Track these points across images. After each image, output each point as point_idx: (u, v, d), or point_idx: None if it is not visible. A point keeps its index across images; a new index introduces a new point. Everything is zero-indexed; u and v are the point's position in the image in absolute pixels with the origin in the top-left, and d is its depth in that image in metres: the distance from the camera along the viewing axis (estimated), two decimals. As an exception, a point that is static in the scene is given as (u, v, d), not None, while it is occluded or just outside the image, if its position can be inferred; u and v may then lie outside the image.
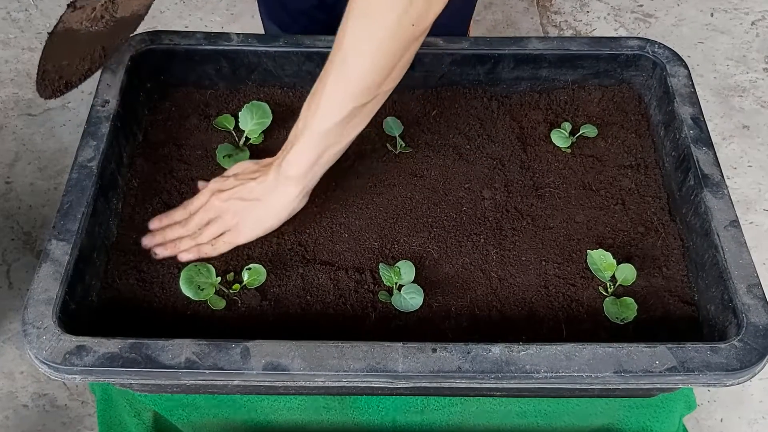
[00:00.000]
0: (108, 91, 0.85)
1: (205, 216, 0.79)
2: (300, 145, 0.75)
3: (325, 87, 0.72)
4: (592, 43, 0.93)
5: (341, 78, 0.71)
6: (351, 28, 0.69)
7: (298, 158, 0.76)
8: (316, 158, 0.76)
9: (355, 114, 0.73)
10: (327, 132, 0.74)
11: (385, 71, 0.71)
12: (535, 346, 0.66)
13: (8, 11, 1.95)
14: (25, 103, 1.75)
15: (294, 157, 0.76)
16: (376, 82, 0.71)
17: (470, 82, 0.95)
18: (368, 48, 0.69)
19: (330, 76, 0.72)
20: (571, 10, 2.03)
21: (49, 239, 0.72)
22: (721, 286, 0.72)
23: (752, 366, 0.66)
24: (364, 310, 0.76)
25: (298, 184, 0.77)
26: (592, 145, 0.91)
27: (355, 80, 0.71)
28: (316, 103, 0.73)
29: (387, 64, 0.70)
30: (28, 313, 0.67)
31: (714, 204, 0.77)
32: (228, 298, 0.76)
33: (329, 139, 0.75)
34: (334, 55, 0.71)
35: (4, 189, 1.61)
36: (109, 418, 0.87)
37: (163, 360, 0.65)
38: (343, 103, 0.72)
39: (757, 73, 1.89)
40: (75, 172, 0.77)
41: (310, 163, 0.76)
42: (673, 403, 0.84)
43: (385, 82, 0.72)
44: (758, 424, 1.36)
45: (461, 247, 0.81)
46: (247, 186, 0.79)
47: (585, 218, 0.84)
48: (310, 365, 0.65)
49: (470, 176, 0.87)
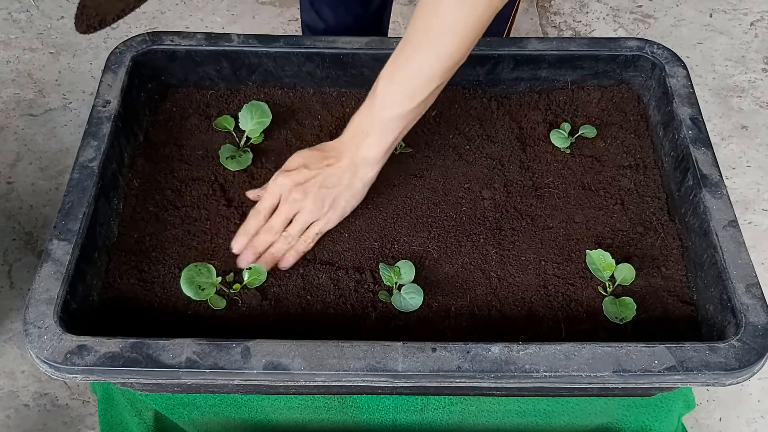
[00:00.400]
0: (109, 91, 0.85)
1: (288, 212, 0.79)
2: (381, 129, 0.77)
3: (411, 66, 0.74)
4: (591, 43, 0.93)
5: (433, 55, 0.73)
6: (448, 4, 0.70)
7: (380, 140, 0.77)
8: (396, 138, 0.78)
9: (437, 90, 0.76)
10: (410, 111, 0.76)
11: (472, 44, 0.74)
12: (535, 346, 0.66)
13: (9, 12, 1.95)
14: (27, 103, 1.75)
15: (375, 139, 0.77)
16: (463, 56, 0.74)
17: (470, 82, 0.95)
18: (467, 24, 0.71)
19: (420, 55, 0.73)
20: (571, 10, 2.03)
21: (51, 239, 0.72)
22: (719, 286, 0.73)
23: (751, 365, 0.66)
24: (364, 309, 0.76)
25: (377, 165, 0.79)
26: (592, 145, 0.92)
27: (449, 57, 0.73)
28: (400, 83, 0.75)
29: (477, 37, 0.73)
30: (30, 312, 0.68)
31: (713, 204, 0.77)
32: (228, 298, 0.76)
33: (409, 118, 0.77)
34: (426, 33, 0.72)
35: (5, 189, 1.61)
36: (110, 418, 0.88)
37: (164, 359, 0.65)
38: (432, 79, 0.74)
39: (756, 73, 1.90)
40: (76, 173, 0.78)
41: (390, 144, 0.78)
42: (672, 402, 0.84)
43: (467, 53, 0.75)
44: (757, 423, 1.36)
45: (461, 247, 0.81)
46: (324, 173, 0.78)
47: (584, 218, 0.84)
48: (311, 365, 0.65)
49: (470, 176, 0.88)
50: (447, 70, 0.75)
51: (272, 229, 0.78)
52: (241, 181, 0.87)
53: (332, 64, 0.93)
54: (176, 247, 0.80)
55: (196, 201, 0.84)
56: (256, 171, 0.87)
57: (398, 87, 0.75)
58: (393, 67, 0.76)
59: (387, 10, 1.31)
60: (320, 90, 0.96)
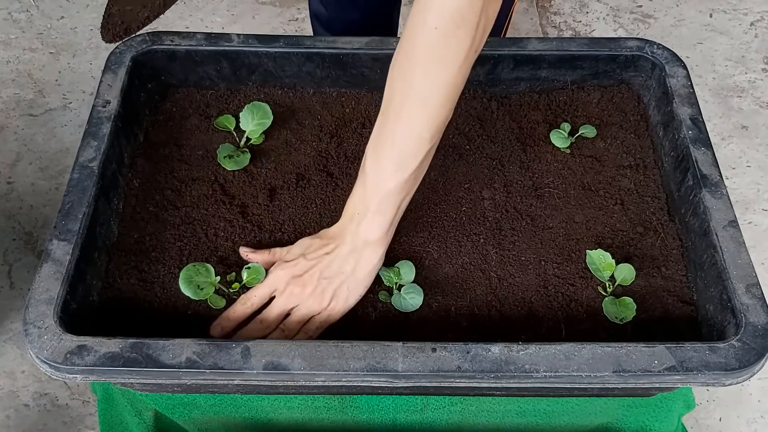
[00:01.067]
0: (109, 91, 0.85)
1: (285, 306, 0.74)
2: (377, 207, 0.72)
3: (396, 137, 0.70)
4: (591, 43, 0.93)
5: (417, 121, 0.69)
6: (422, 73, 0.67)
7: (379, 219, 0.73)
8: (395, 213, 0.74)
9: (429, 154, 0.72)
10: (405, 183, 0.72)
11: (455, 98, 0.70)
12: (535, 346, 0.66)
13: (9, 12, 1.95)
14: (27, 103, 1.75)
15: (374, 218, 0.73)
16: (449, 113, 0.71)
17: (470, 82, 0.95)
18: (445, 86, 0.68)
19: (402, 124, 0.69)
20: (571, 10, 2.03)
21: (51, 239, 0.73)
22: (719, 286, 0.73)
23: (751, 365, 0.66)
24: (364, 309, 0.76)
25: (381, 245, 0.74)
26: (591, 145, 0.92)
27: (434, 118, 0.69)
28: (388, 156, 0.71)
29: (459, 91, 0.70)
30: (30, 312, 0.68)
31: (713, 204, 0.77)
32: (228, 298, 0.76)
33: (406, 189, 0.73)
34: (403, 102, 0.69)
35: (5, 189, 1.61)
36: (110, 418, 0.88)
37: (163, 359, 0.65)
38: (421, 145, 0.70)
39: (756, 73, 1.90)
40: (76, 173, 0.78)
41: (391, 222, 0.74)
42: (671, 402, 0.84)
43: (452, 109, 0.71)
44: (757, 423, 1.36)
45: (461, 247, 0.81)
46: (323, 262, 0.74)
47: (584, 218, 0.84)
48: (311, 365, 0.65)
49: (470, 176, 0.88)
50: (435, 132, 0.71)
51: (266, 321, 0.73)
52: (241, 182, 0.87)
53: (332, 64, 0.93)
54: (176, 247, 0.80)
55: (196, 201, 0.84)
56: (256, 171, 0.87)
57: (387, 161, 0.71)
58: (378, 141, 0.72)
59: (396, 7, 1.31)
60: (320, 90, 0.96)
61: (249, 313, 0.74)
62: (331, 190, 0.86)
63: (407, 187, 0.73)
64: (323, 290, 0.73)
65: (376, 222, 0.73)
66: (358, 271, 0.74)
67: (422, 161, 0.71)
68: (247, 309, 0.74)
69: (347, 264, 0.73)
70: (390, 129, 0.71)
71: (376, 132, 0.72)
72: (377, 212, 0.73)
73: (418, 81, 0.68)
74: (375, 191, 0.72)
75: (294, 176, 0.87)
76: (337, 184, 0.86)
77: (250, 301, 0.74)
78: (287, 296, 0.74)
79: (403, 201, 0.74)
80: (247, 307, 0.74)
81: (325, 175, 0.87)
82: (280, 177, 0.87)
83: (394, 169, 0.71)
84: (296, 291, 0.73)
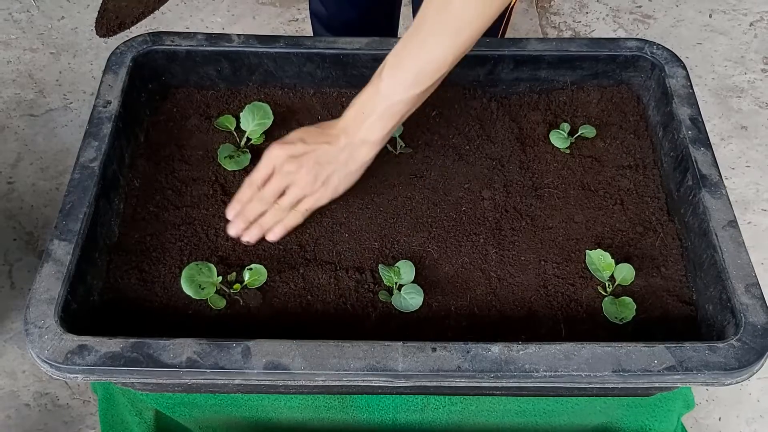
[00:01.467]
0: (110, 92, 0.86)
1: (280, 184, 0.79)
2: (383, 112, 0.77)
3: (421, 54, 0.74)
4: (590, 44, 0.93)
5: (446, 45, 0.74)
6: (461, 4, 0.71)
7: (382, 123, 0.77)
8: (398, 122, 0.78)
9: (441, 78, 0.77)
10: (415, 97, 0.76)
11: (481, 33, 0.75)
12: (534, 346, 0.66)
13: (10, 12, 1.96)
14: (27, 103, 1.75)
15: (377, 122, 0.77)
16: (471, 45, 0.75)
17: (470, 82, 0.96)
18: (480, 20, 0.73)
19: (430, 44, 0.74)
20: (570, 11, 2.04)
21: (51, 239, 0.73)
22: (719, 286, 0.73)
23: (750, 365, 0.66)
24: (364, 309, 0.76)
25: (376, 147, 0.79)
26: (591, 145, 0.92)
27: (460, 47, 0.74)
28: (408, 70, 0.75)
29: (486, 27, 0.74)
30: (30, 312, 0.68)
31: (712, 204, 0.78)
32: (229, 298, 0.76)
33: (413, 103, 0.77)
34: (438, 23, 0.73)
35: (6, 189, 1.61)
36: (110, 417, 0.88)
37: (164, 359, 0.65)
38: (441, 67, 0.75)
39: (756, 73, 1.90)
40: (77, 173, 0.78)
41: (391, 128, 0.78)
42: (671, 402, 0.84)
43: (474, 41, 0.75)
44: (756, 423, 1.36)
45: (461, 247, 0.81)
46: (320, 149, 0.78)
47: (584, 218, 0.84)
48: (311, 364, 0.65)
49: (470, 176, 0.88)
50: (456, 59, 0.75)
51: (263, 198, 0.79)
52: (241, 181, 0.86)
53: (332, 64, 0.93)
54: (177, 247, 0.80)
55: (197, 201, 0.85)
56: (257, 171, 0.88)
57: (406, 74, 0.75)
58: (402, 54, 0.76)
59: (396, 6, 1.32)
60: (320, 90, 0.96)
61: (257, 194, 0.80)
62: (331, 190, 0.86)
63: (415, 100, 0.77)
64: (316, 174, 0.78)
65: (378, 125, 0.77)
66: (350, 163, 0.79)
67: (436, 81, 0.76)
68: (254, 190, 0.80)
69: (342, 155, 0.78)
70: (417, 46, 0.75)
71: (400, 45, 0.76)
72: (382, 117, 0.77)
73: (456, 9, 0.72)
74: (386, 98, 0.76)
75: (294, 176, 0.87)
76: (338, 184, 0.87)
77: (254, 183, 0.80)
78: (284, 174, 0.78)
79: (407, 112, 0.78)
80: (254, 189, 0.80)
81: (325, 176, 0.87)
82: (280, 177, 0.87)
83: (410, 83, 0.75)
84: (292, 170, 0.78)
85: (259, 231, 0.79)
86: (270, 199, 0.79)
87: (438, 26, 0.74)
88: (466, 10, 0.72)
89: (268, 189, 0.79)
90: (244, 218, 0.79)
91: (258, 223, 0.79)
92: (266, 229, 0.79)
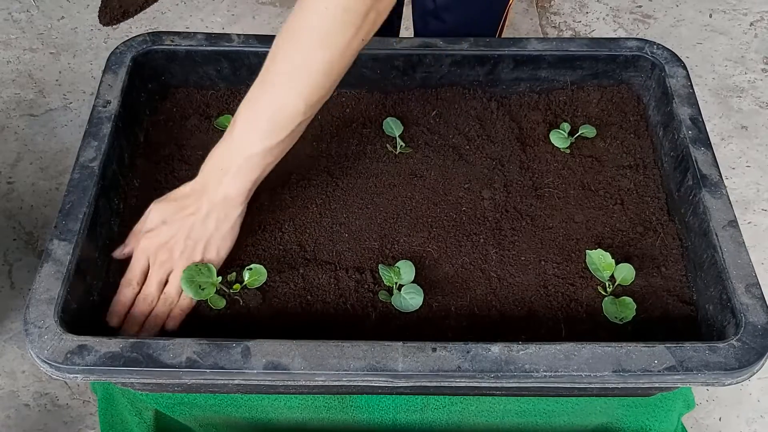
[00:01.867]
0: (109, 91, 0.86)
1: (161, 276, 0.75)
2: (240, 167, 0.73)
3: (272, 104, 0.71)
4: (591, 44, 0.93)
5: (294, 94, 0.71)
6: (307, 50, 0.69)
7: (241, 179, 0.74)
8: (259, 176, 0.75)
9: (300, 126, 0.73)
10: (273, 148, 0.73)
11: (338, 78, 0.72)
12: (535, 346, 0.66)
13: (10, 12, 1.96)
14: (27, 103, 1.75)
15: (235, 178, 0.74)
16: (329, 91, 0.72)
17: (470, 82, 0.96)
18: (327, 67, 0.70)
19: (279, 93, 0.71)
20: (570, 11, 2.04)
21: (51, 239, 0.73)
22: (719, 286, 0.73)
23: (751, 365, 0.66)
24: (364, 309, 0.76)
25: (241, 202, 0.76)
26: (591, 145, 0.92)
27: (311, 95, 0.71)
28: (260, 121, 0.72)
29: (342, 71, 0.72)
30: (30, 312, 0.68)
31: (712, 204, 0.77)
32: (229, 298, 0.76)
33: (274, 154, 0.74)
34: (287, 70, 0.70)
35: (6, 189, 1.61)
36: (110, 417, 0.88)
37: (164, 359, 0.65)
38: (294, 117, 0.71)
39: (756, 73, 1.90)
40: (76, 173, 0.78)
41: (253, 183, 0.75)
42: (671, 402, 0.84)
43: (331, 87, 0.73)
44: (756, 423, 1.36)
45: (461, 247, 0.81)
46: (186, 226, 0.75)
47: (584, 218, 0.84)
48: (311, 364, 0.65)
49: (470, 176, 0.88)
50: (309, 107, 0.72)
51: (147, 297, 0.75)
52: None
53: (332, 64, 0.93)
54: (176, 247, 0.80)
55: (197, 201, 0.84)
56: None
57: (258, 125, 0.72)
58: (251, 106, 0.73)
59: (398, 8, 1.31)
60: (320, 90, 0.96)
61: (138, 292, 0.75)
62: (331, 190, 0.86)
63: (274, 153, 0.74)
64: (192, 250, 0.75)
65: (238, 180, 0.74)
66: (221, 227, 0.76)
67: (292, 132, 0.73)
68: (135, 288, 0.75)
69: (209, 222, 0.75)
70: (267, 95, 0.72)
71: (251, 94, 0.73)
72: (239, 172, 0.74)
73: (300, 57, 0.69)
74: (240, 152, 0.73)
75: (294, 176, 0.87)
76: (337, 184, 0.87)
77: (133, 281, 0.75)
78: (159, 265, 0.75)
79: (268, 165, 0.75)
80: (134, 287, 0.75)
81: (325, 175, 0.87)
82: (280, 177, 0.87)
83: (264, 135, 0.72)
84: (165, 257, 0.75)
85: (155, 327, 0.74)
86: (155, 294, 0.75)
87: (286, 73, 0.70)
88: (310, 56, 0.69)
89: (149, 287, 0.75)
90: (134, 323, 0.74)
91: (151, 319, 0.74)
92: (162, 321, 0.75)
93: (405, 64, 0.93)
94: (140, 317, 0.75)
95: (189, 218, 0.75)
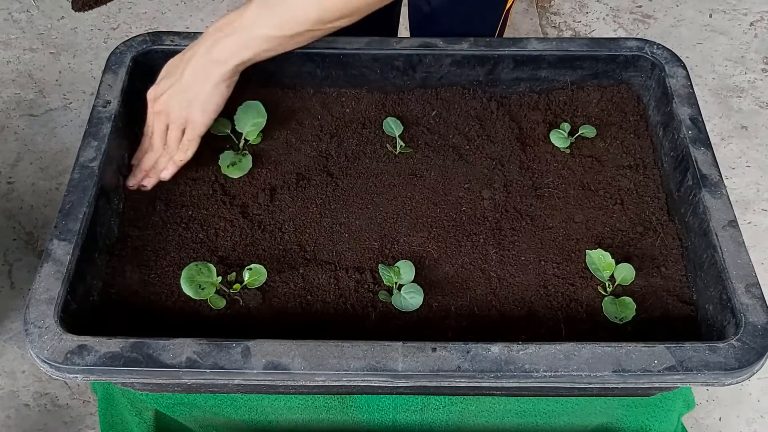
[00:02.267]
0: (109, 91, 0.86)
1: (160, 126, 0.83)
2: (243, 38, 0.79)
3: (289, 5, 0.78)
4: (591, 43, 0.93)
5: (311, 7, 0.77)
6: None
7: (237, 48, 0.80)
8: (252, 56, 0.81)
9: (304, 34, 0.80)
10: (276, 38, 0.79)
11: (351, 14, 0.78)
12: (534, 346, 0.66)
13: (9, 12, 1.96)
14: (27, 103, 1.75)
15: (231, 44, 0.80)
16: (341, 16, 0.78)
17: (470, 82, 0.96)
18: None
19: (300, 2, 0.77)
20: (570, 11, 2.04)
21: (51, 239, 0.73)
22: (719, 286, 0.73)
23: (751, 365, 0.66)
24: (364, 309, 0.76)
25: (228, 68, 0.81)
26: (591, 145, 0.92)
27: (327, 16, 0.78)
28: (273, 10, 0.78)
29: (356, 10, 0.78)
30: (30, 312, 0.68)
31: (712, 204, 0.77)
32: (229, 298, 0.76)
33: (273, 44, 0.80)
34: None
35: (6, 189, 1.61)
36: (110, 417, 0.88)
37: (164, 359, 0.65)
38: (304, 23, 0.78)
39: (756, 73, 1.90)
40: (76, 173, 0.78)
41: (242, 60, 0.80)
42: (671, 402, 0.84)
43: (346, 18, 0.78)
44: (756, 423, 1.36)
45: (461, 247, 0.81)
46: (180, 78, 0.82)
47: (584, 218, 0.84)
48: (311, 364, 0.65)
49: (470, 176, 0.88)
50: (322, 23, 0.79)
51: (153, 147, 0.84)
52: (241, 181, 0.87)
53: (332, 64, 0.93)
54: (176, 247, 0.80)
55: (197, 201, 0.85)
56: (256, 171, 0.87)
57: (271, 13, 0.78)
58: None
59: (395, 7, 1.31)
60: (320, 90, 0.96)
61: None
62: (331, 190, 0.86)
63: (272, 44, 0.81)
64: (180, 102, 0.82)
65: (232, 48, 0.80)
66: (206, 82, 0.81)
67: (295, 36, 0.81)
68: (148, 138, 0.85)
69: (198, 78, 0.81)
70: None
71: None
72: (238, 42, 0.80)
73: None
74: (248, 28, 0.79)
75: (294, 176, 0.87)
76: (337, 184, 0.87)
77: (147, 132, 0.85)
78: (158, 116, 0.83)
79: (265, 51, 0.81)
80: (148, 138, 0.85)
81: (325, 175, 0.87)
82: (280, 177, 0.87)
83: (274, 24, 0.79)
84: (162, 109, 0.83)
85: (155, 177, 0.84)
86: (159, 144, 0.84)
87: None
88: None
89: (154, 137, 0.84)
90: (141, 169, 0.84)
91: (153, 168, 0.84)
92: (160, 170, 0.84)
93: (405, 64, 0.93)
94: (146, 165, 0.84)
95: (184, 72, 0.81)
